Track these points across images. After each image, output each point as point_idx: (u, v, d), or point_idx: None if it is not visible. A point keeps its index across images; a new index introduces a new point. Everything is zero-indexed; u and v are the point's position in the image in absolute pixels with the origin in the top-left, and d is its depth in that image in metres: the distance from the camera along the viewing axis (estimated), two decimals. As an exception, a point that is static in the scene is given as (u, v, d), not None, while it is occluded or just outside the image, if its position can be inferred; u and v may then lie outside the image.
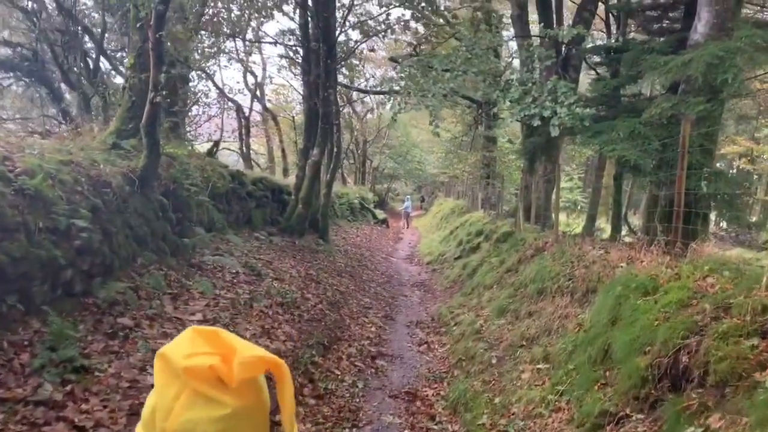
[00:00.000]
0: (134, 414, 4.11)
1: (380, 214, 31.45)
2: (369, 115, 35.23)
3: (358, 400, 6.38)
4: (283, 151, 28.51)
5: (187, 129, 16.00)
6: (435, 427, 5.79)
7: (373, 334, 9.19)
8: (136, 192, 7.52)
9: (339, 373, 7.00)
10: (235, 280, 8.35)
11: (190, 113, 17.34)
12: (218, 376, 0.90)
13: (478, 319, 9.12)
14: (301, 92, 17.50)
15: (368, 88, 23.65)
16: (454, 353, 8.07)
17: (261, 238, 12.70)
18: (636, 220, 19.48)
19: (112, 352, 4.93)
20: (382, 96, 24.87)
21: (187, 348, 0.93)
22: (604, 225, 19.11)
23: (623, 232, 11.96)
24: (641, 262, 6.34)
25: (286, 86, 29.01)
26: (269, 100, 29.14)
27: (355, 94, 27.08)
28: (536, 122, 10.44)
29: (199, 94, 18.87)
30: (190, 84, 16.34)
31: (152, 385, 0.95)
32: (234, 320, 6.84)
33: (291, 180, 17.22)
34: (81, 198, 5.99)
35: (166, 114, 10.35)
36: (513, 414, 5.36)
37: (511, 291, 9.22)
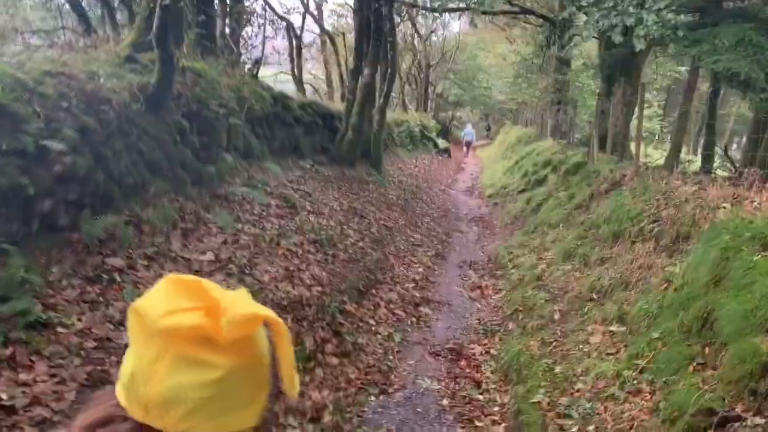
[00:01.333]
0: (91, 386, 3.28)
1: (442, 144, 29.98)
2: (433, 37, 33.19)
3: (392, 357, 5.44)
4: (341, 76, 27.22)
5: (241, 51, 14.93)
6: (480, 397, 4.80)
7: (420, 276, 8.19)
8: (147, 112, 6.61)
9: (373, 323, 6.06)
10: (264, 214, 7.46)
11: (245, 34, 16.22)
12: (204, 333, 0.75)
13: (539, 262, 7.94)
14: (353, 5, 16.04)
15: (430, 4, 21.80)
16: (510, 302, 6.98)
17: (306, 167, 11.75)
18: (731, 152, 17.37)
19: (87, 302, 4.10)
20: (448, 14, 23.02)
21: (165, 304, 0.77)
22: (689, 157, 17.16)
23: (716, 164, 10.30)
24: (752, 203, 4.97)
25: (344, 5, 27.32)
26: (330, 24, 27.66)
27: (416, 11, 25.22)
28: (617, 36, 8.80)
29: (252, 11, 17.68)
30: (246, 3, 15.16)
31: (127, 345, 0.80)
32: (253, 260, 5.96)
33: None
34: (66, 116, 5.09)
35: (194, 25, 9.31)
36: (577, 391, 4.27)
37: (580, 231, 7.95)
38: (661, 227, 5.83)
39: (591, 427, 3.75)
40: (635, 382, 3.98)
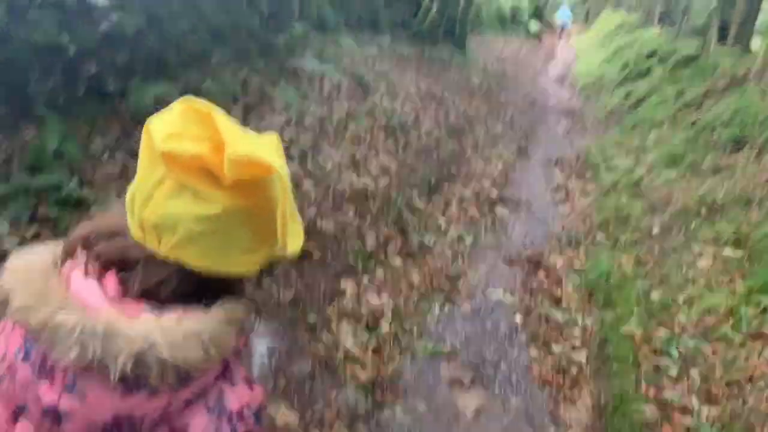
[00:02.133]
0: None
1: (534, 26, 27.74)
2: None
3: (461, 262, 4.91)
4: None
5: None
6: (559, 316, 4.23)
7: (499, 173, 7.46)
8: (209, -30, 5.92)
9: (443, 222, 5.50)
10: (333, 93, 6.82)
11: None
12: (207, 167, 0.73)
13: (638, 166, 7.02)
14: None
15: None
16: (600, 209, 6.22)
17: (383, 44, 10.86)
18: None
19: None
20: None
21: (173, 126, 0.73)
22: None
23: None
24: None
25: None
26: None
27: None
28: None
29: None
30: None
31: None
32: (317, 144, 5.42)
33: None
34: (113, -33, 4.52)
35: None
36: (680, 326, 3.62)
37: (689, 134, 6.91)
38: (800, 136, 4.82)
39: (695, 371, 3.14)
40: (756, 323, 3.28)
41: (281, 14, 7.27)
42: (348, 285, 3.94)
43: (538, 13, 32.87)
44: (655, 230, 5.13)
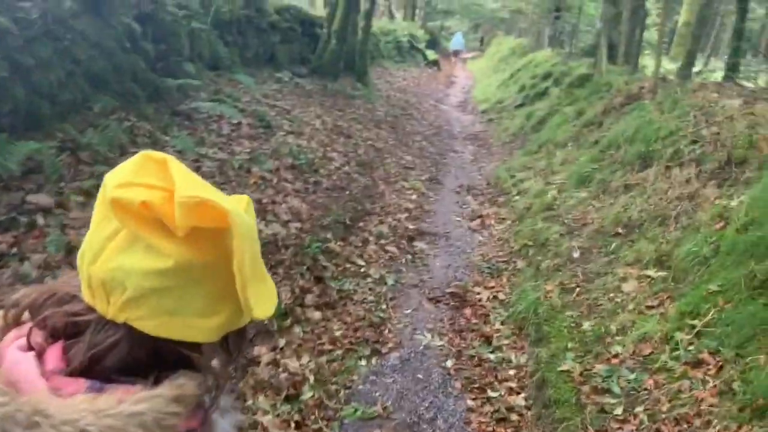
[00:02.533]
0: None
1: (431, 55, 28.36)
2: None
3: (384, 306, 4.61)
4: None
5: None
6: (491, 356, 4.01)
7: (414, 204, 7.29)
8: (85, 12, 5.42)
9: (362, 264, 5.20)
10: (233, 135, 6.42)
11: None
12: (159, 218, 0.67)
13: (549, 188, 7.04)
14: None
15: None
16: (518, 235, 6.13)
17: (284, 80, 10.57)
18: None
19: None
20: None
21: (126, 175, 0.69)
22: (697, 67, 16.01)
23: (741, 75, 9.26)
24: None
25: None
26: None
27: None
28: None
29: None
30: None
31: None
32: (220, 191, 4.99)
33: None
34: (-36, 13, 3.97)
35: None
36: (615, 357, 3.47)
37: (594, 153, 7.01)
38: (703, 149, 4.90)
39: (640, 409, 2.97)
40: (692, 349, 3.17)
41: (169, 55, 6.81)
42: (263, 351, 3.54)
43: (433, 42, 33.78)
44: (575, 254, 5.06)
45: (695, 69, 10.69)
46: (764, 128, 4.28)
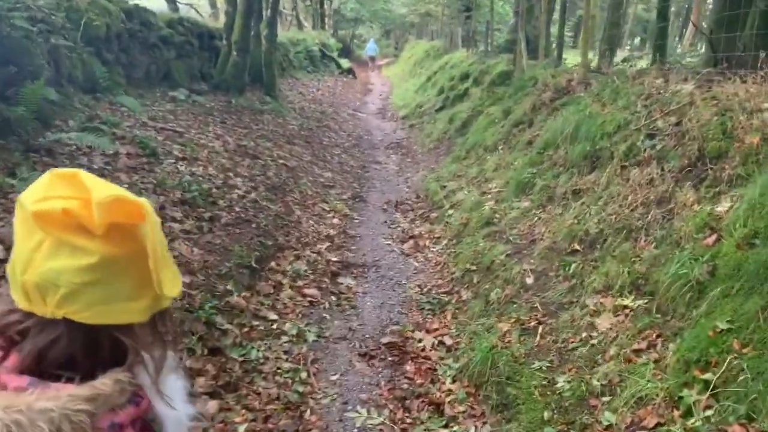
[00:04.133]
0: None
1: (345, 63, 27.53)
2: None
3: (305, 374, 3.61)
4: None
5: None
6: (446, 434, 3.09)
7: (336, 230, 6.33)
8: None
9: (275, 318, 4.18)
10: (107, 169, 5.26)
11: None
12: (79, 222, 0.76)
13: (485, 198, 6.25)
14: None
15: None
16: (458, 258, 5.28)
17: (179, 98, 9.36)
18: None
19: None
20: None
21: (41, 191, 0.78)
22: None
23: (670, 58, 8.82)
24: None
25: None
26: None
27: None
28: None
29: None
30: None
31: None
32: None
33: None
34: None
35: None
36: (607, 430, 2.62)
37: (531, 156, 6.27)
38: (663, 144, 4.20)
39: None
40: (713, 417, 2.36)
41: (18, 79, 5.57)
42: None
43: (346, 50, 33.02)
44: (529, 279, 4.24)
45: (616, 57, 10.25)
46: (738, 114, 3.61)
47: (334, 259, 5.48)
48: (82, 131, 5.87)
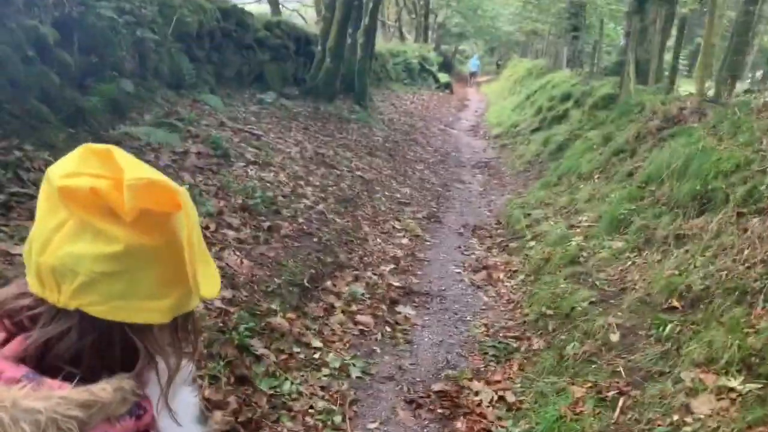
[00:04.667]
0: None
1: (443, 78, 27.16)
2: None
3: (340, 418, 3.18)
4: None
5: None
6: None
7: (404, 251, 5.89)
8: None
9: (318, 345, 3.79)
10: (173, 167, 5.10)
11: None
12: (108, 204, 0.67)
13: (572, 233, 5.62)
14: None
15: None
16: (533, 298, 4.70)
17: (267, 101, 9.29)
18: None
19: None
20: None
21: (71, 166, 0.69)
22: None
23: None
24: None
25: None
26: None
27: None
28: None
29: None
30: None
31: None
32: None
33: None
34: None
35: None
36: None
37: (630, 189, 5.58)
38: (797, 191, 3.47)
39: None
40: None
41: (101, 69, 5.55)
42: None
43: (447, 64, 32.68)
44: (614, 336, 3.61)
45: (739, 87, 9.21)
46: None
47: (397, 284, 5.04)
48: (156, 126, 5.79)
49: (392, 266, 5.42)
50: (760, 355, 2.75)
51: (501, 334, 4.34)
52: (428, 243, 6.36)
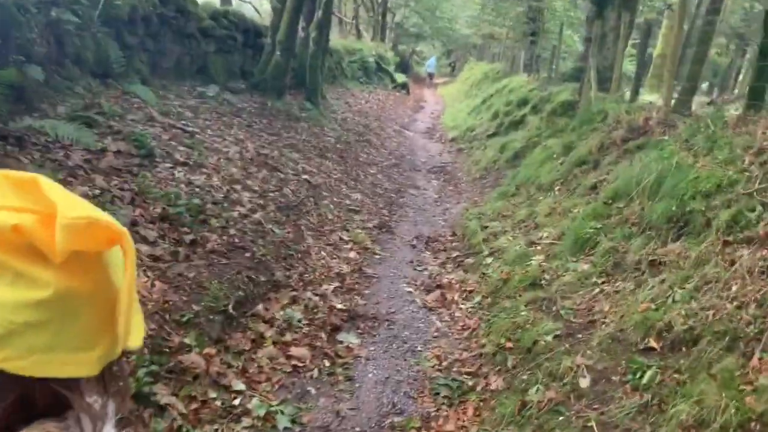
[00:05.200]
0: None
1: (400, 78, 26.70)
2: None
3: (259, 485, 2.60)
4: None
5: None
6: None
7: (350, 267, 5.33)
8: None
9: (242, 386, 3.19)
10: (85, 168, 4.40)
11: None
12: (31, 244, 0.57)
13: (533, 250, 5.17)
14: None
15: None
16: (491, 326, 4.20)
17: (208, 95, 8.60)
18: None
19: None
20: None
21: None
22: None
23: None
24: None
25: None
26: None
27: None
28: None
29: None
30: None
31: None
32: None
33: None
34: None
35: None
36: None
37: (596, 206, 5.16)
38: (788, 220, 3.06)
39: None
40: None
41: (3, 53, 4.78)
42: None
43: (404, 65, 32.28)
44: (584, 381, 3.14)
45: (701, 99, 9.00)
46: None
47: (340, 306, 4.47)
48: (71, 120, 5.06)
49: (336, 284, 4.85)
50: (762, 420, 2.30)
51: (455, 369, 3.83)
52: (378, 257, 5.81)
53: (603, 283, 4.05)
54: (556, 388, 3.17)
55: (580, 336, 3.59)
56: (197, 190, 4.98)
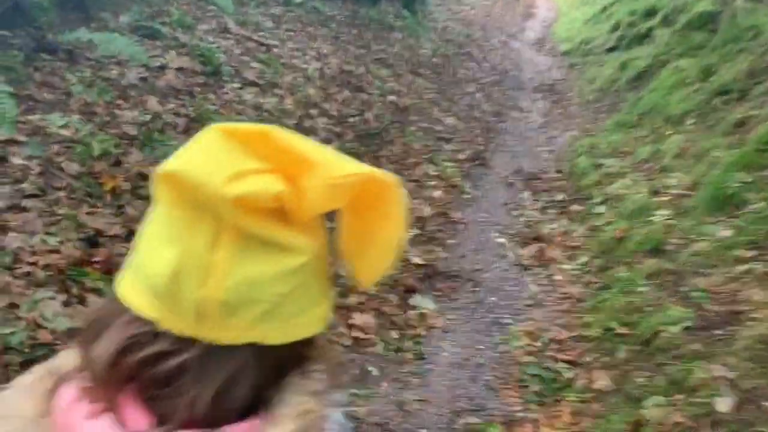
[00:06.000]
0: None
1: (510, -19, 24.52)
2: None
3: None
4: None
5: None
6: None
7: (433, 209, 4.66)
8: None
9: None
10: (138, 88, 3.93)
11: None
12: (280, 206, 0.51)
13: (657, 202, 4.26)
14: None
15: None
16: (600, 303, 3.45)
17: (295, 1, 7.87)
18: None
19: None
20: None
21: (227, 164, 0.49)
22: None
23: None
24: None
25: None
26: None
27: None
28: None
29: None
30: None
31: None
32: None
33: None
34: None
35: None
36: None
37: (745, 150, 4.12)
38: None
39: None
40: None
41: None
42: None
43: (515, -34, 29.68)
44: (723, 404, 2.37)
45: None
46: None
47: (417, 260, 3.85)
48: (132, 31, 4.58)
49: (416, 232, 4.22)
50: None
51: (550, 353, 3.15)
52: (467, 196, 5.10)
53: (752, 259, 3.15)
54: (682, 405, 2.44)
55: (718, 333, 2.78)
56: (266, 114, 4.42)
